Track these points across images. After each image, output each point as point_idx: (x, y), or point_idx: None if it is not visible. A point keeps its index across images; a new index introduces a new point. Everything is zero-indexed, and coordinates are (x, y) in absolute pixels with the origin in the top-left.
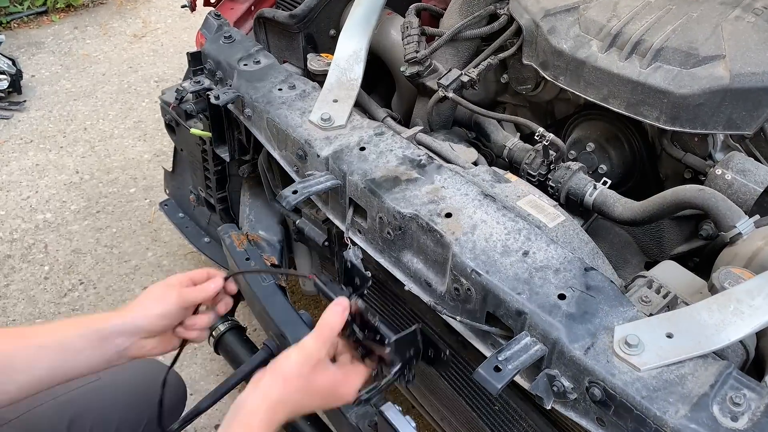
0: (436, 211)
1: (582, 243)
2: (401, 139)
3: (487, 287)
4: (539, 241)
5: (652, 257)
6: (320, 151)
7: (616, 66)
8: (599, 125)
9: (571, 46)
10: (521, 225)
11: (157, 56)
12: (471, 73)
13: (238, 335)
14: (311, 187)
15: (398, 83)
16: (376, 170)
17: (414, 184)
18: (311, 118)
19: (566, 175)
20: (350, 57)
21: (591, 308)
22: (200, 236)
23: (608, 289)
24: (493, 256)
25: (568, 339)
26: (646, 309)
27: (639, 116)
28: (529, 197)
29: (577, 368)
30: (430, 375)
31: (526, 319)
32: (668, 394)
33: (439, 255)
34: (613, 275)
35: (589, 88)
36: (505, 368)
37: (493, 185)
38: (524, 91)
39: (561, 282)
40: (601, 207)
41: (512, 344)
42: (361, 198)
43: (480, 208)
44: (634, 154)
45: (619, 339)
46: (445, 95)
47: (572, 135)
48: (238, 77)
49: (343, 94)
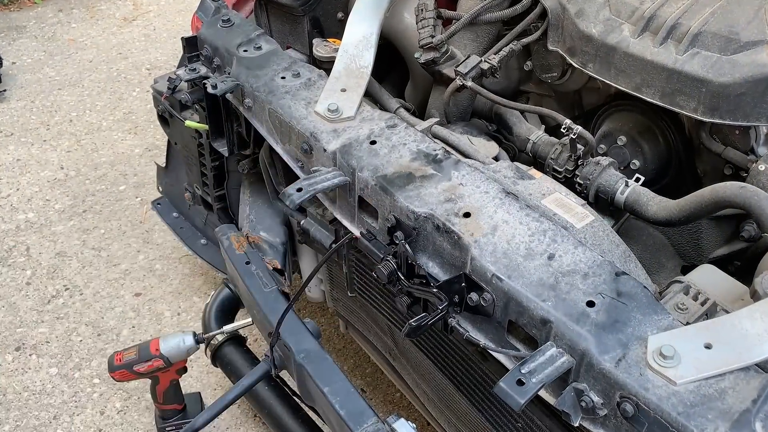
0: (454, 210)
1: (613, 245)
2: (415, 132)
3: (509, 293)
4: (566, 244)
5: (689, 261)
6: (327, 145)
7: (649, 52)
8: (631, 117)
9: (601, 31)
10: (546, 226)
11: (149, 41)
12: (491, 59)
13: (237, 346)
14: (317, 184)
15: (412, 71)
16: (387, 166)
17: (429, 181)
18: (317, 108)
19: (595, 171)
20: (360, 42)
21: (622, 316)
22: (196, 238)
23: (641, 295)
24: (516, 259)
25: (597, 350)
26: (683, 317)
27: (675, 107)
28: (555, 195)
29: (608, 382)
30: (448, 388)
31: (552, 329)
32: (707, 410)
33: (456, 258)
34: (646, 280)
35: (620, 77)
36: (529, 382)
37: (515, 182)
38: (549, 79)
39: (590, 288)
40: (633, 206)
41: (537, 356)
42: (372, 196)
43: (501, 207)
44: (670, 148)
45: (653, 350)
46: (464, 84)
47: (602, 127)
48: (237, 64)
49: (352, 82)
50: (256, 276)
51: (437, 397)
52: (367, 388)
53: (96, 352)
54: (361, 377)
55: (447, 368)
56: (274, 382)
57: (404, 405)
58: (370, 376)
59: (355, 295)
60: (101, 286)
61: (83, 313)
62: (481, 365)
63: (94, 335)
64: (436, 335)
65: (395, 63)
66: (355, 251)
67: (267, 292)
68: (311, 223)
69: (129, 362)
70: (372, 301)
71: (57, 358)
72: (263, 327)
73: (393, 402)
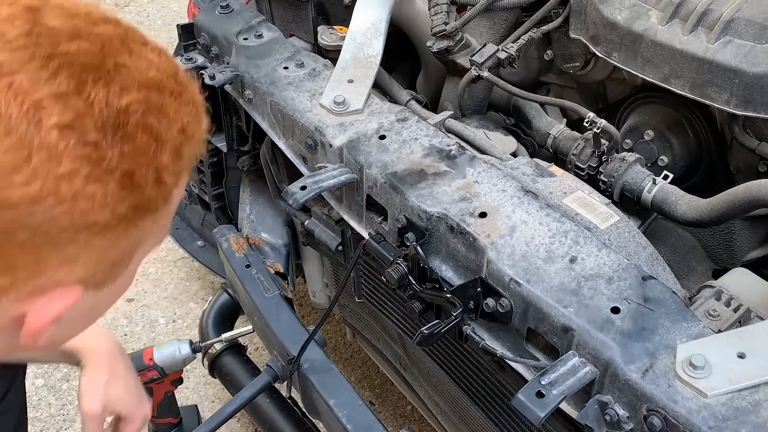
0: (469, 210)
1: (639, 247)
2: (428, 126)
3: (528, 299)
4: (589, 246)
5: (721, 264)
6: (333, 140)
7: (678, 40)
8: (659, 110)
9: (627, 17)
10: (568, 226)
11: (142, 29)
12: (509, 48)
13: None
14: (322, 182)
15: (424, 61)
16: (398, 162)
17: (443, 179)
18: (322, 101)
19: (621, 168)
20: (368, 30)
21: (649, 324)
22: (192, 239)
23: (670, 301)
24: (536, 262)
25: (622, 359)
26: (714, 324)
27: (705, 99)
28: (578, 194)
29: (634, 393)
30: (462, 400)
31: (574, 337)
32: (740, 424)
33: (471, 261)
34: (675, 285)
35: (647, 67)
36: (549, 394)
37: (535, 180)
38: (571, 69)
39: (614, 293)
40: (661, 205)
41: (557, 366)
42: (381, 195)
43: (520, 206)
44: (700, 143)
45: (682, 359)
46: (479, 74)
47: (628, 121)
48: (236, 54)
49: (360, 73)
50: (257, 280)
51: (451, 410)
52: (375, 400)
53: None
54: (370, 389)
55: (461, 379)
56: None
57: (416, 418)
58: (379, 387)
59: (363, 301)
60: None
61: None
62: (498, 376)
63: None
64: (449, 344)
65: (406, 52)
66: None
67: (269, 298)
68: (316, 224)
69: None
70: (381, 307)
71: (43, 368)
72: (264, 335)
73: (404, 415)
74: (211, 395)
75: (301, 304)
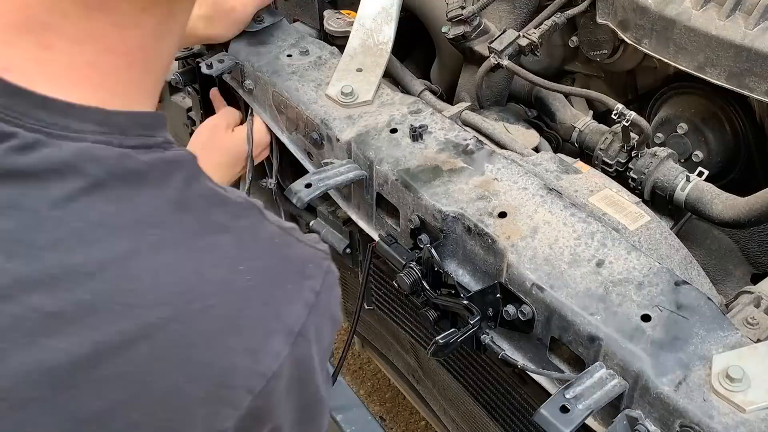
0: (487, 209)
1: (672, 250)
2: (443, 119)
3: (551, 306)
4: (617, 248)
5: (761, 268)
6: (340, 134)
7: (714, 26)
8: (693, 101)
9: (658, 1)
10: (595, 227)
11: None
12: (531, 34)
13: None
14: (329, 179)
15: (439, 48)
16: (410, 158)
17: (459, 176)
18: (329, 91)
19: (652, 164)
20: (378, 15)
21: (683, 333)
22: None
23: (705, 308)
24: (560, 266)
25: (654, 371)
26: (753, 333)
27: (744, 89)
28: (605, 192)
29: (666, 408)
30: (480, 415)
31: (601, 347)
32: None
33: (490, 265)
34: (710, 291)
35: (680, 54)
36: (575, 408)
37: (558, 177)
38: (598, 57)
39: (645, 300)
40: (695, 204)
41: (583, 378)
42: (392, 193)
43: (542, 205)
44: (738, 137)
45: (718, 371)
46: (499, 63)
47: (659, 113)
48: (236, 40)
49: (370, 61)
50: None
51: (467, 426)
52: (386, 415)
53: None
54: (380, 403)
55: (479, 392)
56: None
57: (429, 428)
58: (390, 401)
59: (373, 308)
60: None
61: None
62: (519, 389)
63: None
64: (466, 354)
65: (419, 39)
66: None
67: None
68: (322, 225)
69: None
70: (392, 314)
71: None
72: None
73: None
74: None
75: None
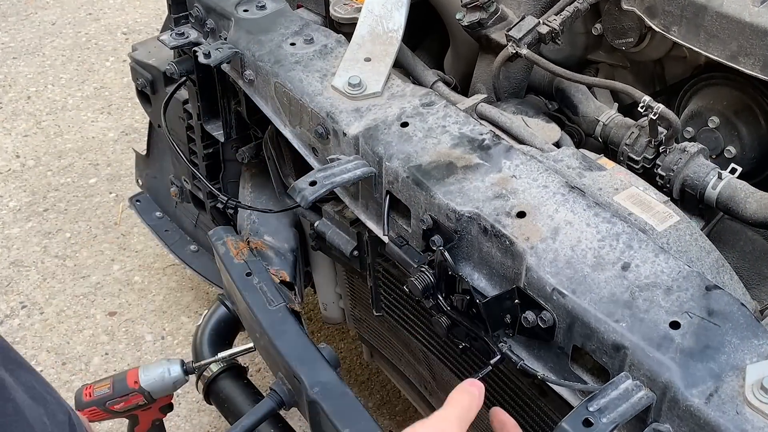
0: (505, 209)
1: (702, 252)
2: (457, 112)
3: (573, 312)
4: (644, 250)
5: None
6: (347, 128)
7: (748, 12)
8: (726, 93)
9: None
10: (620, 228)
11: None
12: (552, 22)
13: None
14: (335, 176)
15: (453, 36)
16: (423, 154)
17: (474, 173)
18: (335, 83)
19: (681, 161)
20: (388, 0)
21: (714, 341)
22: (184, 243)
23: (738, 314)
24: (582, 270)
25: (683, 382)
26: None
27: None
28: (631, 190)
29: (696, 422)
30: None
31: (627, 356)
32: None
33: (508, 268)
34: (744, 296)
35: (711, 43)
36: (599, 422)
37: (581, 174)
38: (624, 46)
39: (674, 305)
40: (728, 203)
41: (608, 389)
42: (403, 191)
43: (564, 204)
44: None
45: (752, 382)
46: (517, 52)
47: (689, 106)
48: (236, 28)
49: (379, 50)
50: (259, 291)
51: None
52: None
53: (60, 385)
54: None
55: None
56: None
57: None
58: (400, 414)
59: (383, 315)
60: (67, 303)
61: (44, 336)
62: (539, 401)
63: (58, 364)
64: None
65: (432, 26)
66: (382, 260)
67: (273, 311)
68: (328, 225)
69: (101, 398)
70: (403, 322)
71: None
72: (268, 354)
73: None
74: (206, 424)
75: (310, 318)
